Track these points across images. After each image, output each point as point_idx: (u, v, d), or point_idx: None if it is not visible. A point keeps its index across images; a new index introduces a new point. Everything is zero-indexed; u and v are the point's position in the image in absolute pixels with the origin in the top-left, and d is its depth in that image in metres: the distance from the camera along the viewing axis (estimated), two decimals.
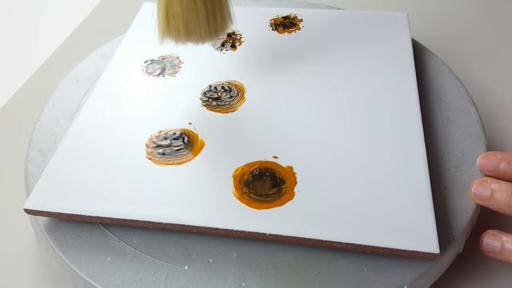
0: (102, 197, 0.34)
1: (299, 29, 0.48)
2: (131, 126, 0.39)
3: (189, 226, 0.32)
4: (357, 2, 0.59)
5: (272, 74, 0.43)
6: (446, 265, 0.32)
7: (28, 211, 0.33)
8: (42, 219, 0.34)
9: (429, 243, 0.30)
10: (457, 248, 0.32)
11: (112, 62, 0.45)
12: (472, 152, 0.37)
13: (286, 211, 0.32)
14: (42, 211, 0.33)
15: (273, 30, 0.48)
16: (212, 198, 0.33)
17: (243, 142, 0.37)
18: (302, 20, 0.49)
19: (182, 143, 0.37)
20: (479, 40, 0.54)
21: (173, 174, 0.35)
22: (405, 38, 0.46)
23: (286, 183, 0.34)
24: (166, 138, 0.38)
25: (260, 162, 0.35)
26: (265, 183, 0.34)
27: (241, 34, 0.48)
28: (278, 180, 0.34)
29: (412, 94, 0.40)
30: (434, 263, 0.31)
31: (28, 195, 0.35)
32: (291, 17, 0.50)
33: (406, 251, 0.30)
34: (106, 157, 0.36)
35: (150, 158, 0.36)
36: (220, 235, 0.32)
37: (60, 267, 0.33)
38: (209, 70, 0.44)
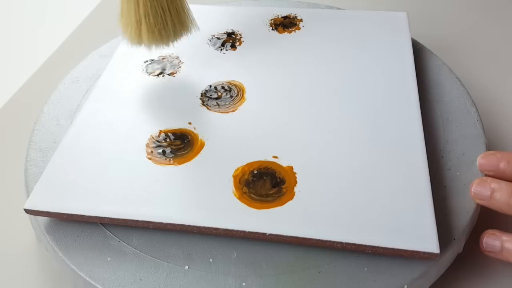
0: (102, 197, 0.34)
1: (299, 29, 0.48)
2: (131, 126, 0.39)
3: (189, 226, 0.32)
4: (357, 2, 0.59)
5: (272, 74, 0.43)
6: (446, 265, 0.32)
7: (28, 211, 0.33)
8: (42, 219, 0.34)
9: (429, 243, 0.30)
10: (457, 248, 0.32)
11: (112, 62, 0.45)
12: (472, 152, 0.37)
13: (286, 211, 0.32)
14: (42, 211, 0.33)
15: (273, 30, 0.48)
16: (212, 198, 0.33)
17: (243, 142, 0.37)
18: (302, 20, 0.49)
19: (182, 143, 0.37)
20: (479, 40, 0.54)
21: (173, 174, 0.35)
22: (405, 38, 0.46)
23: (286, 183, 0.34)
24: (166, 138, 0.38)
25: (260, 162, 0.35)
26: (265, 183, 0.34)
27: (241, 34, 0.48)
28: (278, 180, 0.34)
29: (412, 94, 0.40)
30: (434, 263, 0.31)
31: (28, 195, 0.35)
32: (291, 17, 0.50)
33: (406, 251, 0.30)
34: (106, 157, 0.36)
35: (150, 158, 0.36)
36: (220, 235, 0.32)
37: (60, 267, 0.33)
38: (209, 70, 0.44)
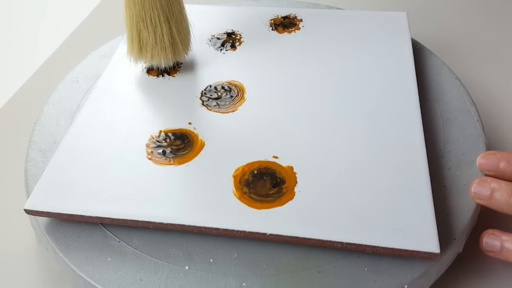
0: (102, 197, 0.34)
1: (299, 29, 0.48)
2: (131, 126, 0.39)
3: (189, 226, 0.32)
4: (357, 2, 0.59)
5: (272, 74, 0.43)
6: (446, 264, 0.32)
7: (28, 212, 0.33)
8: (42, 219, 0.34)
9: (429, 243, 0.30)
10: (457, 247, 0.32)
11: (112, 62, 0.45)
12: (472, 152, 0.37)
13: (287, 211, 0.32)
14: (42, 212, 0.33)
15: (273, 30, 0.48)
16: (212, 198, 0.33)
17: (243, 142, 0.37)
18: (302, 20, 0.49)
19: (182, 143, 0.37)
20: (479, 40, 0.54)
21: (173, 174, 0.35)
22: (405, 38, 0.46)
23: (286, 183, 0.34)
24: (166, 138, 0.38)
25: (260, 162, 0.35)
26: (265, 183, 0.34)
27: (241, 34, 0.48)
28: (279, 180, 0.34)
29: (412, 93, 0.40)
30: (434, 263, 0.31)
31: (28, 196, 0.35)
32: (291, 17, 0.50)
33: (406, 251, 0.30)
34: (106, 157, 0.36)
35: (150, 158, 0.36)
36: (220, 235, 0.32)
37: (60, 267, 0.33)
38: (209, 70, 0.44)
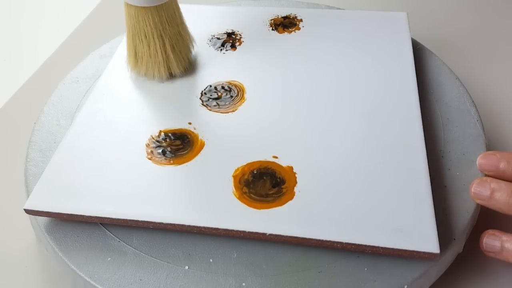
0: (102, 197, 0.34)
1: (299, 29, 0.48)
2: (131, 126, 0.39)
3: (189, 226, 0.32)
4: (357, 2, 0.59)
5: (272, 74, 0.43)
6: (446, 265, 0.32)
7: (28, 211, 0.33)
8: (42, 219, 0.34)
9: (429, 243, 0.30)
10: (457, 248, 0.32)
11: (112, 62, 0.45)
12: (472, 152, 0.37)
13: (286, 211, 0.32)
14: (42, 211, 0.33)
15: (273, 30, 0.48)
16: (212, 198, 0.33)
17: (243, 142, 0.37)
18: (302, 20, 0.49)
19: (182, 143, 0.37)
20: (479, 40, 0.54)
21: (173, 174, 0.35)
22: (405, 38, 0.46)
23: (286, 183, 0.34)
24: (166, 138, 0.38)
25: (260, 162, 0.35)
26: (265, 183, 0.34)
27: (241, 34, 0.48)
28: (278, 180, 0.34)
29: (412, 94, 0.40)
30: (434, 263, 0.31)
31: (28, 195, 0.35)
32: (291, 17, 0.50)
33: (406, 251, 0.30)
34: (106, 157, 0.36)
35: (150, 158, 0.36)
36: (220, 235, 0.32)
37: (60, 267, 0.33)
38: (209, 70, 0.44)
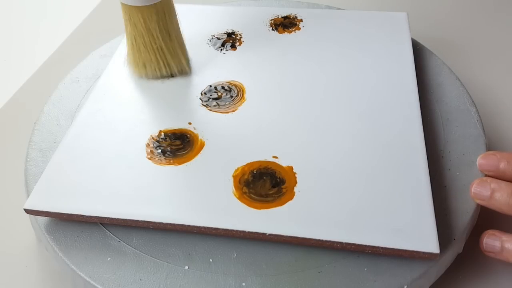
0: (102, 197, 0.34)
1: (299, 29, 0.48)
2: (131, 126, 0.39)
3: (189, 226, 0.32)
4: (357, 2, 0.59)
5: (272, 74, 0.43)
6: (446, 265, 0.32)
7: (28, 211, 0.33)
8: (42, 219, 0.34)
9: (429, 243, 0.30)
10: (457, 248, 0.32)
11: (112, 62, 0.45)
12: (472, 152, 0.37)
13: (286, 211, 0.32)
14: (42, 211, 0.33)
15: (273, 30, 0.48)
16: (212, 198, 0.33)
17: (243, 142, 0.37)
18: (302, 20, 0.49)
19: (182, 143, 0.37)
20: (479, 40, 0.54)
21: (173, 174, 0.35)
22: (405, 38, 0.46)
23: (286, 183, 0.34)
24: (166, 138, 0.38)
25: (260, 162, 0.35)
26: (265, 183, 0.34)
27: (241, 34, 0.48)
28: (278, 180, 0.34)
29: (412, 94, 0.40)
30: (434, 263, 0.31)
31: (28, 195, 0.35)
32: (291, 17, 0.50)
33: (406, 251, 0.30)
34: (106, 157, 0.36)
35: (150, 158, 0.36)
36: (220, 235, 0.32)
37: (60, 267, 0.33)
38: (209, 70, 0.44)
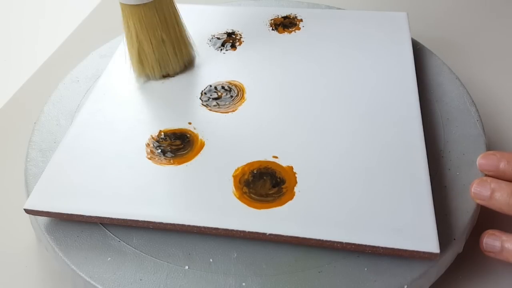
0: (102, 197, 0.34)
1: (299, 29, 0.48)
2: (131, 126, 0.39)
3: (189, 226, 0.32)
4: (357, 2, 0.59)
5: (272, 74, 0.43)
6: (446, 265, 0.32)
7: (28, 211, 0.33)
8: (42, 219, 0.34)
9: (429, 243, 0.30)
10: (457, 248, 0.32)
11: (112, 62, 0.45)
12: (472, 152, 0.37)
13: (286, 211, 0.32)
14: (42, 211, 0.33)
15: (273, 30, 0.48)
16: (212, 198, 0.33)
17: (243, 142, 0.37)
18: (302, 20, 0.49)
19: (182, 143, 0.37)
20: (479, 40, 0.54)
21: (173, 174, 0.35)
22: (405, 38, 0.46)
23: (286, 183, 0.34)
24: (166, 138, 0.38)
25: (260, 162, 0.35)
26: (265, 183, 0.34)
27: (241, 34, 0.48)
28: (278, 180, 0.34)
29: (412, 94, 0.40)
30: (434, 263, 0.31)
31: (28, 195, 0.35)
32: (291, 17, 0.50)
33: (406, 251, 0.30)
34: (106, 157, 0.36)
35: (150, 158, 0.36)
36: (220, 235, 0.32)
37: (60, 267, 0.33)
38: (209, 70, 0.44)
